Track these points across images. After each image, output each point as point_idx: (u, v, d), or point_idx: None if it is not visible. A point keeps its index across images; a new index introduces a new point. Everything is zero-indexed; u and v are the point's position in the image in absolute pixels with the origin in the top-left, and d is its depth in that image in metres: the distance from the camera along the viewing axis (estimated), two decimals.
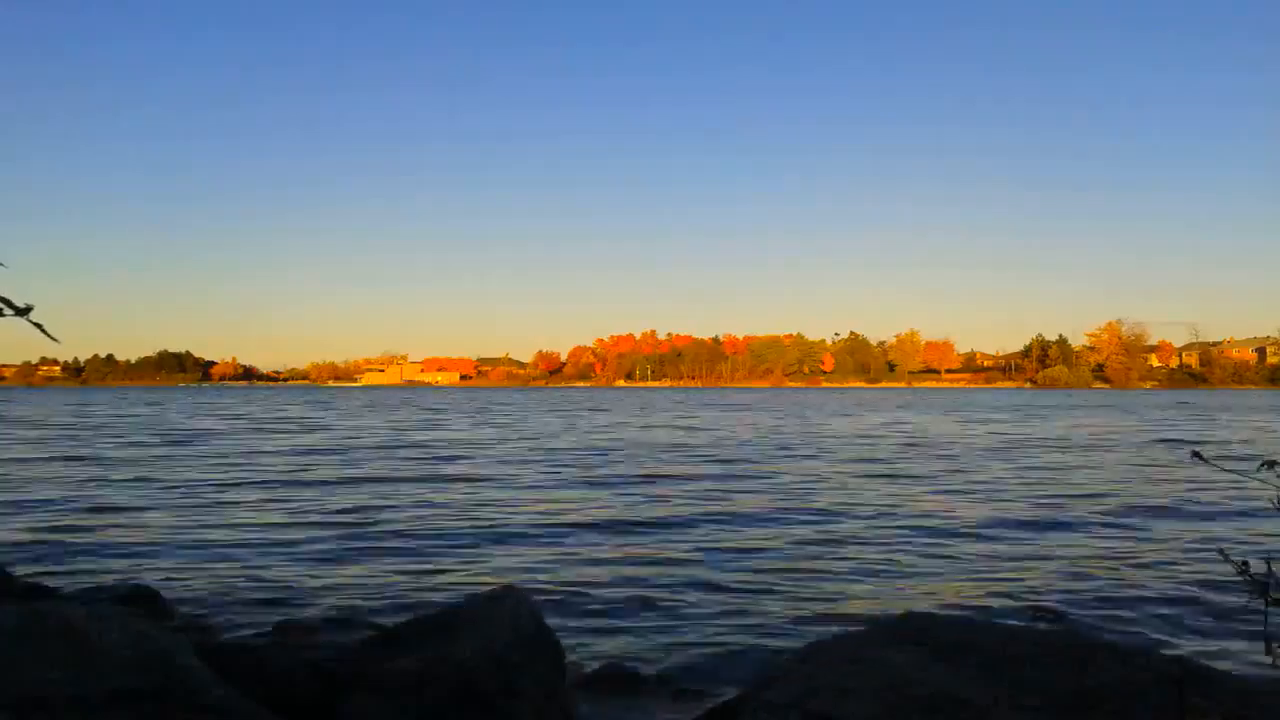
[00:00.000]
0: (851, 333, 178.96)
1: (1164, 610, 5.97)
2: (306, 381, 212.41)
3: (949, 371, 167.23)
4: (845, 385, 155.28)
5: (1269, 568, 1.99)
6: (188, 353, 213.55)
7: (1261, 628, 1.91)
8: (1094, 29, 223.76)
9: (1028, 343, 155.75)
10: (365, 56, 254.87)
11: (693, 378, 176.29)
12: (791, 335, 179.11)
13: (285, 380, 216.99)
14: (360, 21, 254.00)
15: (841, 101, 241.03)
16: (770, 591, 6.53)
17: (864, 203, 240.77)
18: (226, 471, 15.02)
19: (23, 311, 1.62)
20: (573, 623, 5.61)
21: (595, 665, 4.67)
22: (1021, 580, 6.84)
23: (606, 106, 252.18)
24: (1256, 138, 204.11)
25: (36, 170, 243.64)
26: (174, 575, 6.93)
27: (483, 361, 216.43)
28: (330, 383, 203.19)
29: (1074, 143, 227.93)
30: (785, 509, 10.73)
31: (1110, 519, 9.94)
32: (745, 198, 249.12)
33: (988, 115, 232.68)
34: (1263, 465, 2.05)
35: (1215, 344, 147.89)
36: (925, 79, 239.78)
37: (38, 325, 1.65)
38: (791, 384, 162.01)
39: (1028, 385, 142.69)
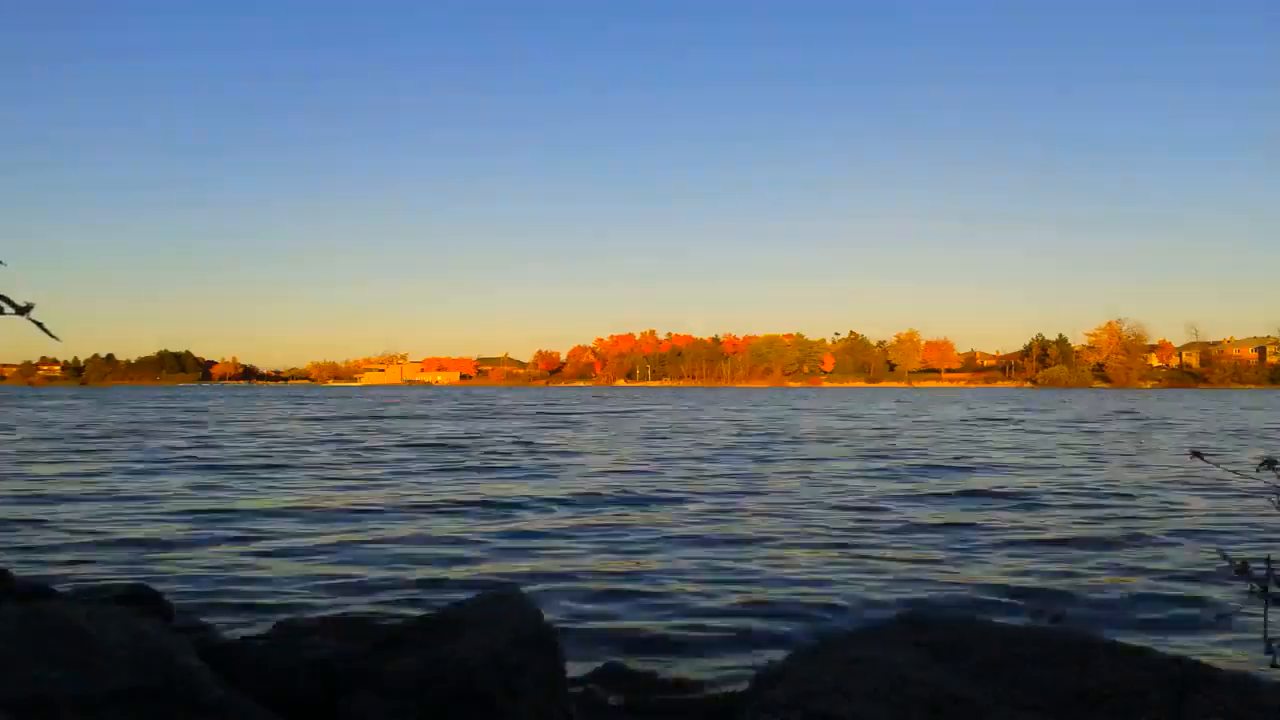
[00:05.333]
0: (851, 333, 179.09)
1: (1163, 610, 5.97)
2: (307, 381, 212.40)
3: (949, 371, 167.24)
4: (845, 385, 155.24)
5: (1269, 567, 1.99)
6: (188, 353, 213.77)
7: (1261, 627, 1.91)
8: (1094, 29, 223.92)
9: (1028, 343, 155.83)
10: (365, 55, 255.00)
11: (693, 377, 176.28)
12: (791, 335, 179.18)
13: (285, 380, 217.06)
14: (361, 20, 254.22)
15: (842, 101, 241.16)
16: (774, 589, 6.53)
17: (864, 202, 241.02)
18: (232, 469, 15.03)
19: (23, 310, 1.62)
20: (573, 622, 5.61)
21: (595, 665, 4.67)
22: (1014, 576, 6.85)
23: (606, 106, 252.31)
24: (1257, 137, 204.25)
25: (36, 169, 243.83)
26: (174, 575, 6.93)
27: (483, 361, 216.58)
28: (330, 382, 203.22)
29: (1074, 142, 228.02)
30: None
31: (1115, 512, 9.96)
32: (745, 197, 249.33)
33: (988, 115, 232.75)
34: (1262, 465, 2.05)
35: (1215, 344, 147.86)
36: (926, 79, 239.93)
37: (38, 324, 1.64)
38: (791, 384, 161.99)
39: (1028, 385, 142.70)
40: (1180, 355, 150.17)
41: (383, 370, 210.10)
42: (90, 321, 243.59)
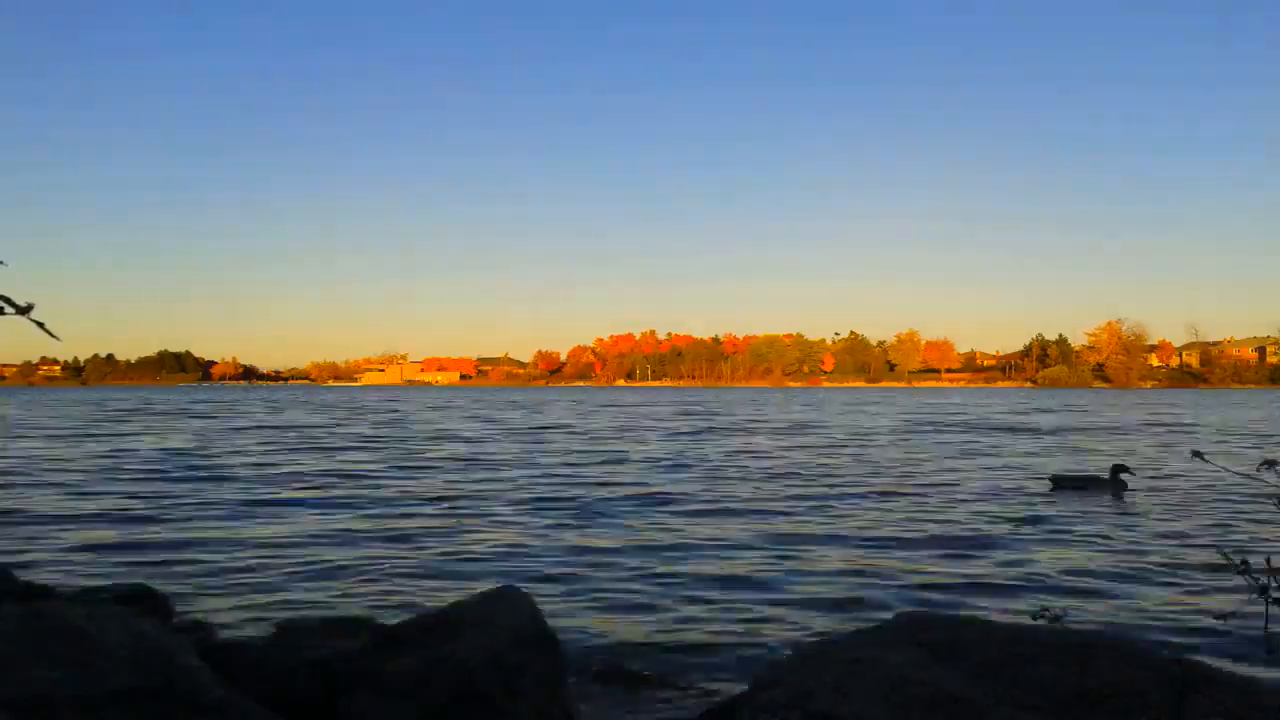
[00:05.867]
0: (851, 333, 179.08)
1: (1164, 610, 5.96)
2: (307, 381, 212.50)
3: (949, 371, 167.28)
4: (845, 385, 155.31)
5: (1269, 567, 1.99)
6: (188, 353, 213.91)
7: (1262, 627, 1.91)
8: (1094, 29, 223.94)
9: (1028, 342, 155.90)
10: (365, 55, 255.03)
11: (693, 377, 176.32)
12: (791, 335, 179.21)
13: (285, 380, 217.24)
14: (360, 20, 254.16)
15: (842, 100, 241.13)
16: (771, 590, 6.52)
17: (864, 202, 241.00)
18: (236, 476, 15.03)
19: (24, 310, 1.61)
20: (573, 621, 5.61)
21: (596, 664, 4.67)
22: (1016, 575, 6.85)
23: (606, 107, 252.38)
24: (1256, 137, 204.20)
25: (36, 169, 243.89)
26: (174, 575, 6.93)
27: (483, 361, 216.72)
28: (330, 382, 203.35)
29: (1074, 142, 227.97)
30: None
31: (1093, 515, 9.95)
32: (745, 197, 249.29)
33: (988, 115, 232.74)
34: (1263, 465, 2.05)
35: (1215, 344, 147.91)
36: (926, 79, 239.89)
37: (39, 324, 1.64)
38: (791, 384, 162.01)
39: (1028, 385, 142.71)
40: (1180, 355, 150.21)
41: (383, 370, 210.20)
42: (90, 321, 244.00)
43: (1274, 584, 1.97)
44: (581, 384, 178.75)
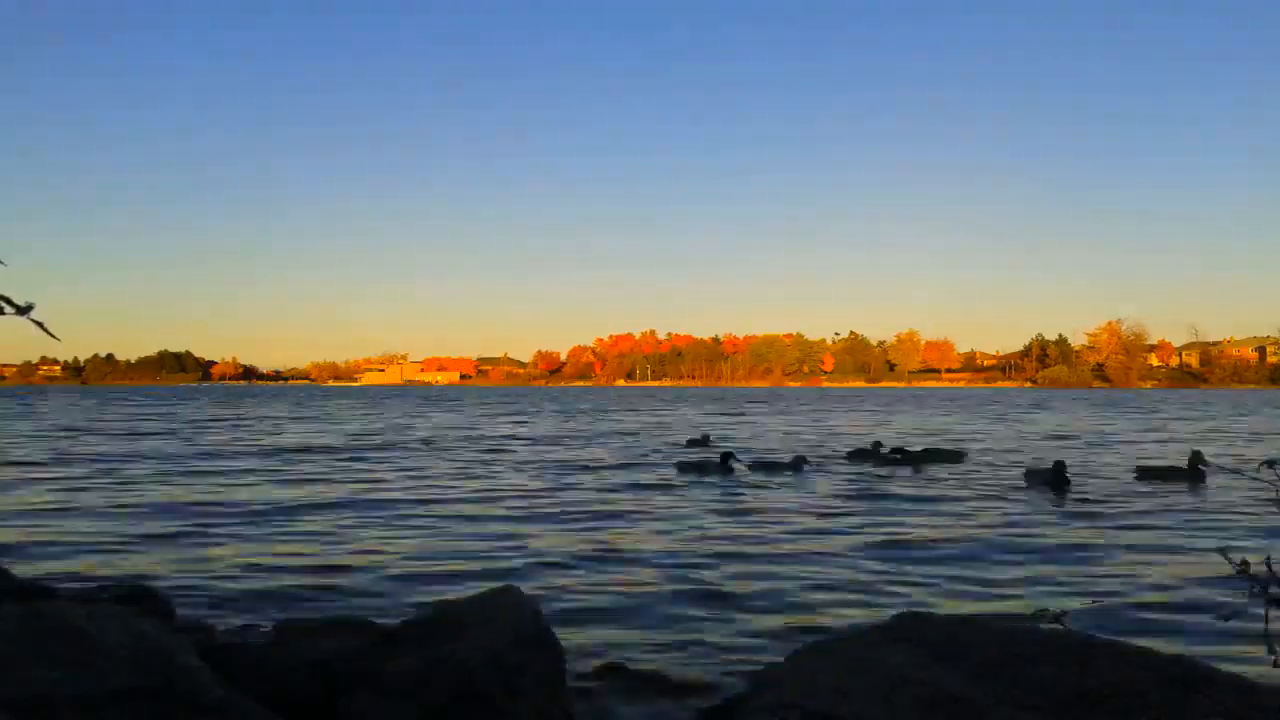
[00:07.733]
0: (851, 333, 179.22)
1: (1164, 610, 5.96)
2: (306, 381, 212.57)
3: (949, 371, 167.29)
4: (845, 385, 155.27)
5: (1269, 567, 1.99)
6: (188, 353, 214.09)
7: (1262, 627, 1.91)
8: (1094, 29, 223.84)
9: (1028, 342, 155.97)
10: (364, 57, 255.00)
11: (693, 377, 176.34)
12: (791, 335, 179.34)
13: (285, 380, 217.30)
14: (359, 20, 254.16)
15: (841, 100, 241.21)
16: (773, 590, 6.52)
17: (864, 202, 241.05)
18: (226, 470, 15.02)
19: (24, 310, 1.61)
20: (573, 622, 5.60)
21: (595, 664, 4.67)
22: (1021, 578, 6.84)
23: (606, 107, 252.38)
24: (1257, 136, 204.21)
25: (37, 170, 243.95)
26: (174, 575, 6.93)
27: (483, 361, 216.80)
28: (330, 382, 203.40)
29: (1074, 141, 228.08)
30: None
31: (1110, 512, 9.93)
32: (745, 197, 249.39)
33: (987, 114, 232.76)
34: (1262, 465, 2.05)
35: (1215, 344, 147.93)
36: (926, 78, 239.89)
37: (39, 323, 1.64)
38: (791, 384, 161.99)
39: (1028, 384, 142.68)
40: (1180, 355, 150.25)
41: (383, 370, 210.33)
42: (90, 321, 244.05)
43: (1274, 584, 1.97)
44: (581, 384, 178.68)
